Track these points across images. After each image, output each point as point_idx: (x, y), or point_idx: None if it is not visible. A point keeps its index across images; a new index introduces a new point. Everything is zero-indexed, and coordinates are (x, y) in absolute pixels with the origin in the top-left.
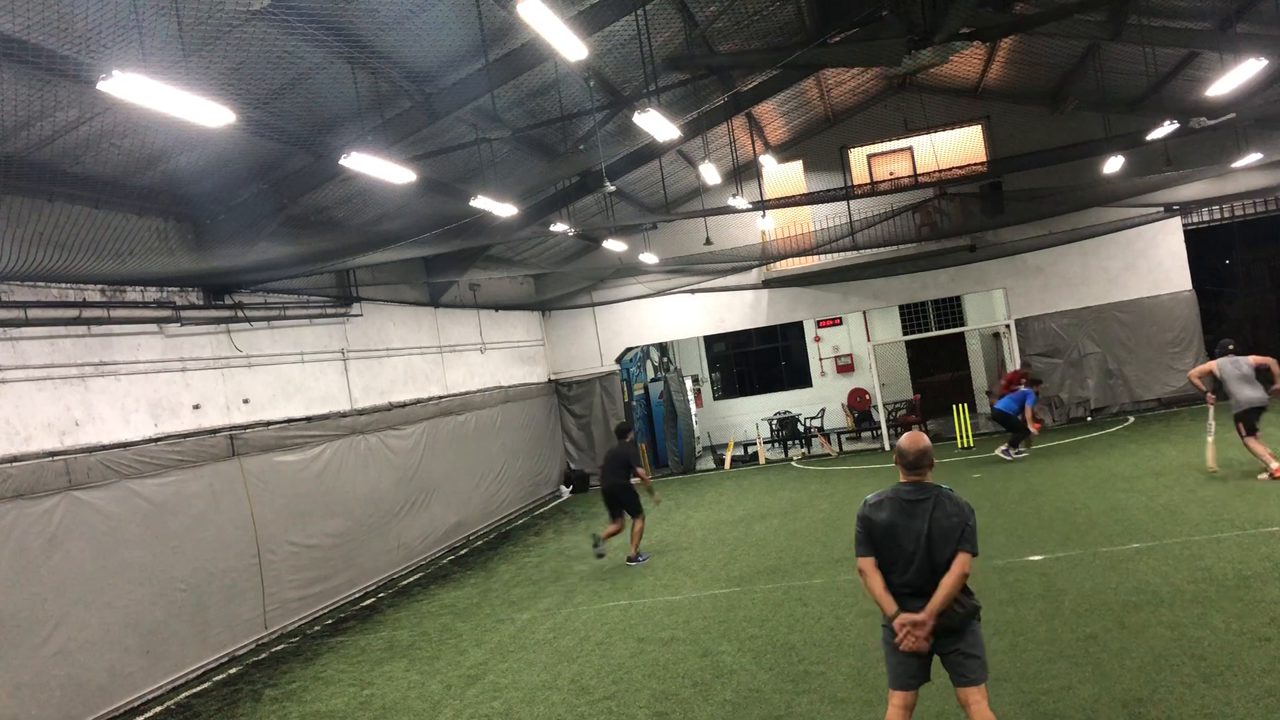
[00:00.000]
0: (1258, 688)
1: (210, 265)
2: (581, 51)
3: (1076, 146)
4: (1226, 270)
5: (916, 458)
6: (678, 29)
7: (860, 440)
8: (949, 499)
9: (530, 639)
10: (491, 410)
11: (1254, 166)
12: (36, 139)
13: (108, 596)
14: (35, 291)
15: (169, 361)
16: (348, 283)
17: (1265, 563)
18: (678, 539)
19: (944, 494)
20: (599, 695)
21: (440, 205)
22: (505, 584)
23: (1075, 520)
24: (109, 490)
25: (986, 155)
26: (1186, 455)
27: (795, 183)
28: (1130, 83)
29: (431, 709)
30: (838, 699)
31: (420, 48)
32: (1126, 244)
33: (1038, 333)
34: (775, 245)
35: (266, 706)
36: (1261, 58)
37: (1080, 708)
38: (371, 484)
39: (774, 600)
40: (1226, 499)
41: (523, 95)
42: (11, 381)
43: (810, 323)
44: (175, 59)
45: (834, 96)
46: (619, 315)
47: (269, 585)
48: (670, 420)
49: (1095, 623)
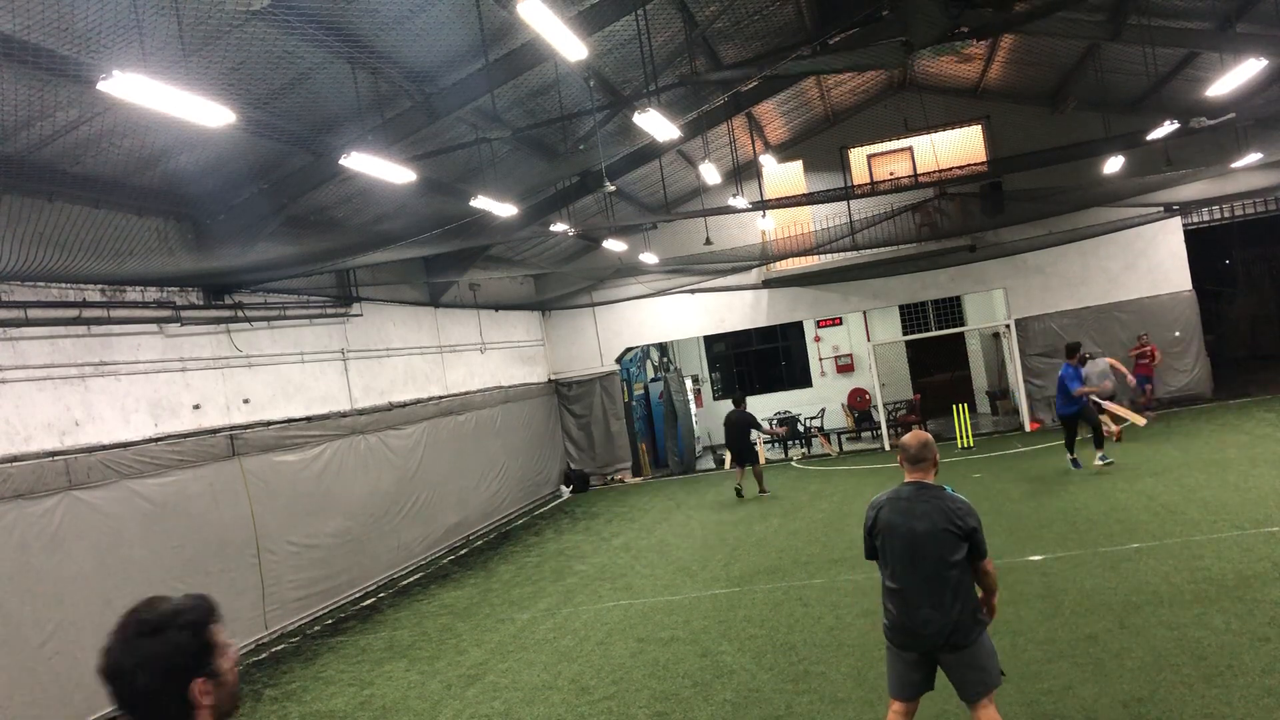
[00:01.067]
0: (1258, 688)
1: (210, 265)
2: (581, 51)
3: (1076, 146)
4: (1226, 270)
5: (918, 449)
6: (678, 29)
7: (860, 440)
8: (950, 500)
9: (530, 639)
10: (491, 410)
11: (1254, 166)
12: (36, 139)
13: (108, 596)
14: (35, 291)
15: (169, 361)
16: (348, 283)
17: (1265, 563)
18: (678, 539)
19: (946, 495)
20: (599, 695)
21: (440, 205)
22: (505, 584)
23: (1075, 520)
24: (109, 490)
25: (986, 155)
26: (1186, 455)
27: (795, 183)
28: (1130, 83)
29: (431, 709)
30: (838, 699)
31: (420, 48)
32: (1126, 244)
33: (1038, 333)
34: (775, 245)
35: (266, 706)
36: (1261, 58)
37: (1080, 708)
38: (371, 484)
39: (774, 600)
40: (1226, 499)
41: (523, 95)
42: (11, 381)
43: (810, 323)
44: (175, 59)
45: (834, 96)
46: (619, 315)
47: (269, 585)
48: (670, 420)
49: (1095, 623)
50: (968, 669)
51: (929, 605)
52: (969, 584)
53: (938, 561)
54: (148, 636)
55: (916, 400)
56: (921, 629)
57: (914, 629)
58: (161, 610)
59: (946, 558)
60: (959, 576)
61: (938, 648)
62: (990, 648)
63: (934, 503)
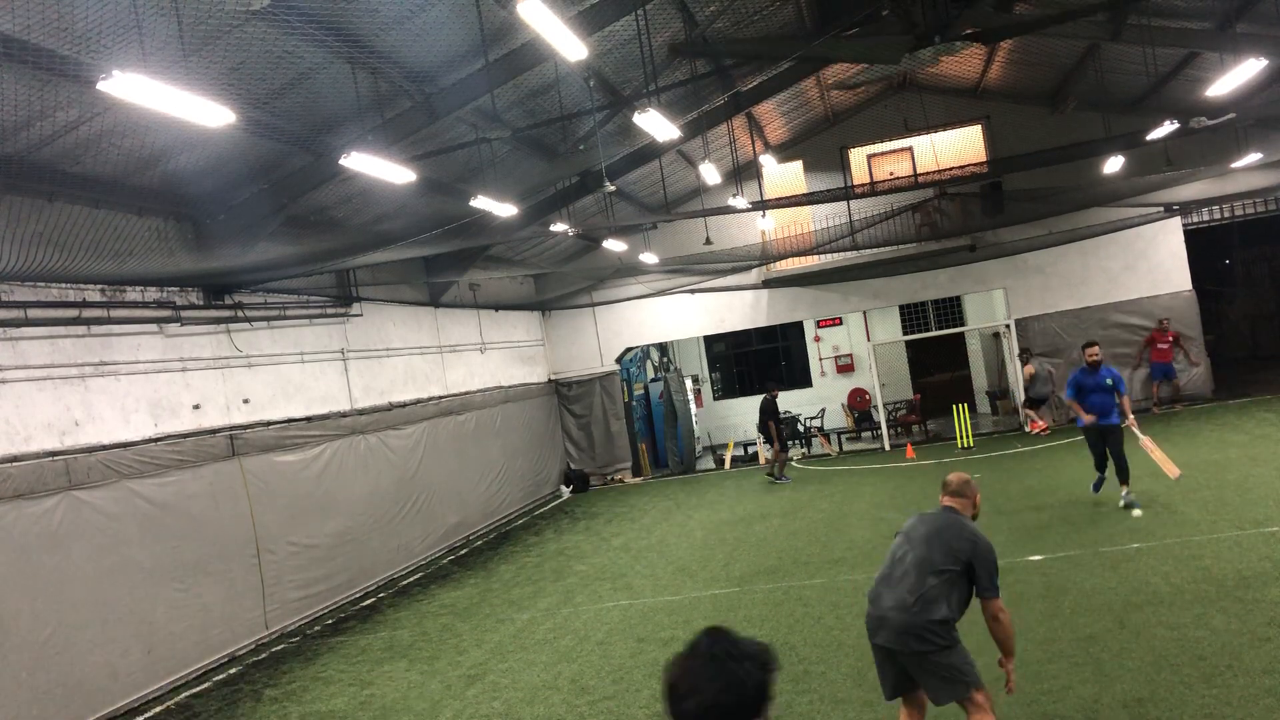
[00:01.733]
0: (1258, 688)
1: (210, 265)
2: (581, 51)
3: (1076, 146)
4: (1226, 270)
5: (959, 485)
6: (678, 29)
7: (860, 440)
8: (969, 526)
9: (530, 639)
10: (491, 410)
11: (1254, 166)
12: (36, 139)
13: (108, 596)
14: (35, 291)
15: (169, 361)
16: (348, 283)
17: (1265, 563)
18: (678, 539)
19: (966, 521)
20: (599, 695)
21: (440, 205)
22: (505, 584)
23: (1075, 520)
24: (109, 490)
25: (986, 155)
26: (1186, 455)
27: (795, 183)
28: (1130, 83)
29: (431, 709)
30: (838, 699)
31: (420, 48)
32: (1126, 244)
33: (1038, 333)
34: (775, 245)
35: (266, 706)
36: (1261, 58)
37: (1080, 708)
38: (371, 484)
39: (774, 600)
40: (1226, 499)
41: (523, 95)
42: (11, 381)
43: (810, 323)
44: (175, 59)
45: (834, 97)
46: (619, 315)
47: (269, 585)
48: (670, 420)
49: (1095, 623)
50: (928, 675)
51: (895, 595)
52: (947, 602)
53: (923, 561)
54: (733, 662)
55: (916, 400)
56: (882, 613)
57: (876, 613)
58: (743, 644)
59: (934, 562)
60: (938, 589)
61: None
62: (956, 664)
63: (951, 519)
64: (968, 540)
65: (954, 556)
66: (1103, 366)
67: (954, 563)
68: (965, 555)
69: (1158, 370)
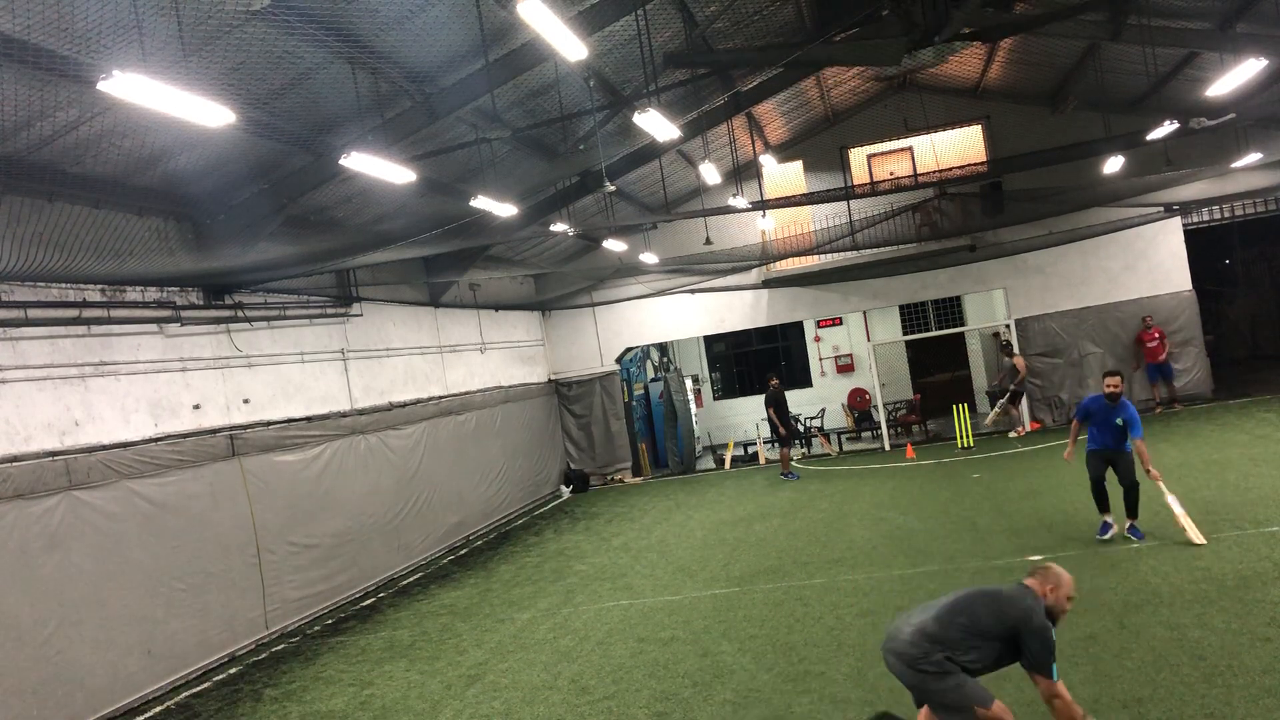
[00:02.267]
0: (1258, 688)
1: (210, 265)
2: (581, 51)
3: (1076, 146)
4: (1226, 270)
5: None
6: (678, 29)
7: (860, 440)
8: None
9: (530, 639)
10: (491, 410)
11: (1254, 166)
12: (36, 139)
13: (108, 596)
14: (35, 291)
15: (169, 361)
16: (348, 283)
17: (1265, 563)
18: (678, 539)
19: (1032, 595)
20: (599, 695)
21: (440, 205)
22: (505, 584)
23: (1075, 520)
24: (109, 490)
25: (986, 155)
26: (1186, 455)
27: (795, 183)
28: (1130, 83)
29: (431, 709)
30: (838, 699)
31: (420, 48)
32: (1126, 244)
33: (1038, 333)
34: (775, 245)
35: (266, 706)
36: (1261, 58)
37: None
38: (371, 484)
39: (774, 600)
40: (1226, 499)
41: (523, 95)
42: (11, 381)
43: (810, 323)
44: (175, 59)
45: (834, 96)
46: (619, 315)
47: (269, 585)
48: (670, 420)
49: (1095, 623)
50: (931, 700)
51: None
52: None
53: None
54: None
55: (916, 400)
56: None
57: (890, 631)
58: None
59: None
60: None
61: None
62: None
63: (1020, 591)
64: (1023, 610)
65: (1000, 619)
66: (1123, 399)
67: (997, 625)
68: (1013, 621)
69: (1153, 371)
